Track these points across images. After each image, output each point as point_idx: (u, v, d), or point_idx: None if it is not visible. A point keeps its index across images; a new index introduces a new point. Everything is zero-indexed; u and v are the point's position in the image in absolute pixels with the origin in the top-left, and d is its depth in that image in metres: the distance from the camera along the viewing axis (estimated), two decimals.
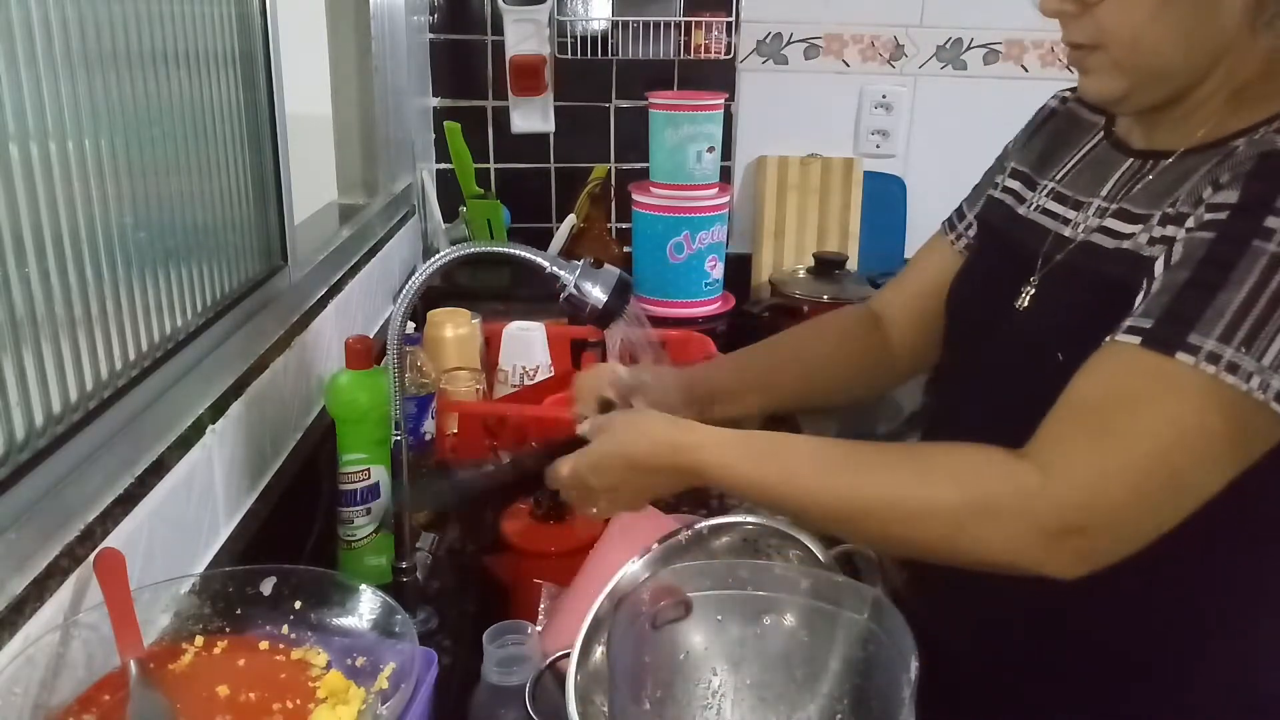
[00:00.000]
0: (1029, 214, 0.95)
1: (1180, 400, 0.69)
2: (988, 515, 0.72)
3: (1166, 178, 0.81)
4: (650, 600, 0.81)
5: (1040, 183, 0.96)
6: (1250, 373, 0.67)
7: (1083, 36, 0.80)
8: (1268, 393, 0.67)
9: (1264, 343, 0.67)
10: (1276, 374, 0.67)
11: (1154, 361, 0.69)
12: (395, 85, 1.75)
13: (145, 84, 0.85)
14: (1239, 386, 0.67)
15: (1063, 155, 0.95)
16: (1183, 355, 0.68)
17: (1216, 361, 0.67)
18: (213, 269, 1.01)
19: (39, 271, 0.70)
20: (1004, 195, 1.00)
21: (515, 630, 0.88)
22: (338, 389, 1.07)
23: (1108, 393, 0.71)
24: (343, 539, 1.10)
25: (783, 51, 2.11)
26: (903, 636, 0.74)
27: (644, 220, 1.96)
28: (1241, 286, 0.68)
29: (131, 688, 0.72)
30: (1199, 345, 0.68)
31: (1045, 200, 0.94)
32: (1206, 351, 0.68)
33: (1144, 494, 0.69)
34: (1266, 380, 0.67)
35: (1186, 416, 0.69)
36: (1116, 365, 0.72)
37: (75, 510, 0.74)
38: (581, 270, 0.96)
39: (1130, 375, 0.71)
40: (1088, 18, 0.78)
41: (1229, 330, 0.67)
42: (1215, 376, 0.67)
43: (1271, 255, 0.68)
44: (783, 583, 0.83)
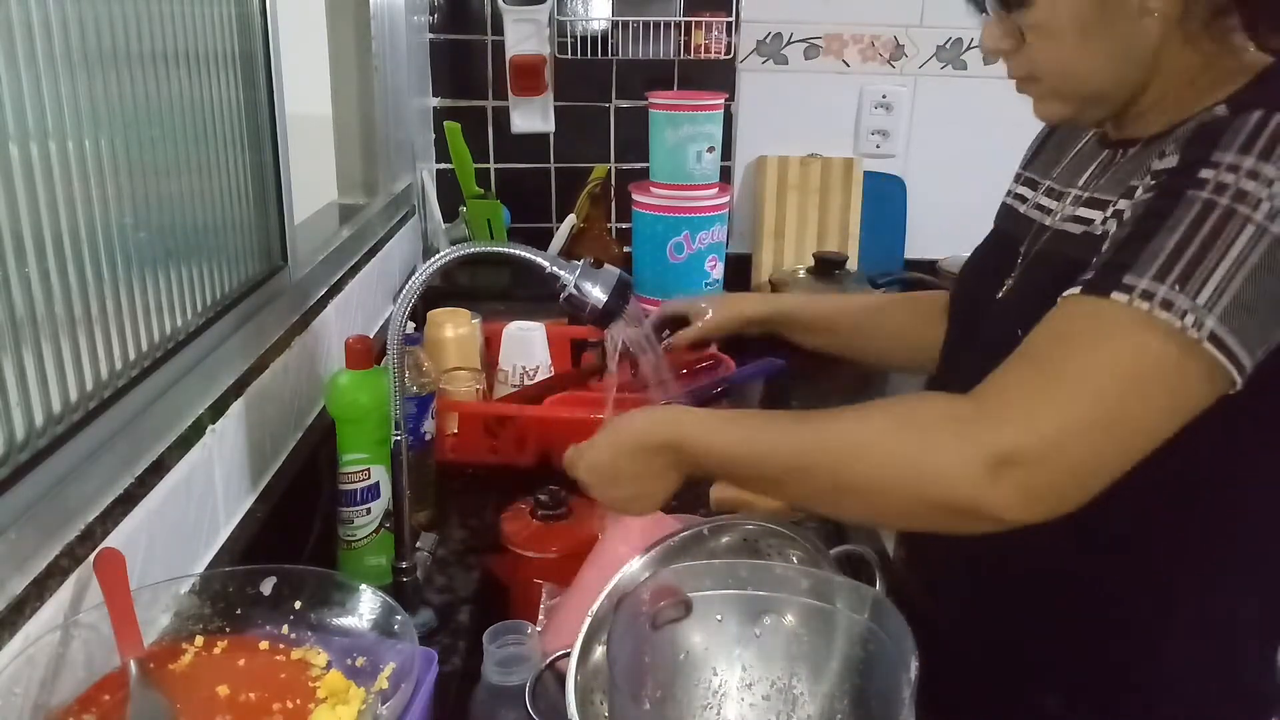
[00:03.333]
0: (1026, 211, 0.98)
1: (1114, 337, 0.70)
2: (922, 441, 0.72)
3: (1129, 164, 0.84)
4: (650, 600, 0.81)
5: (1041, 183, 0.99)
6: (1184, 310, 0.67)
7: (1021, 71, 0.85)
8: (1201, 331, 0.67)
9: (1197, 282, 0.68)
10: (1210, 313, 0.67)
11: (1091, 304, 0.71)
12: (395, 85, 1.75)
13: (145, 84, 0.85)
14: (1172, 323, 0.68)
15: (1062, 157, 0.98)
16: (1117, 294, 0.70)
17: (1150, 299, 0.68)
18: (213, 269, 1.01)
19: (39, 271, 0.70)
20: (1013, 201, 1.03)
21: (515, 630, 0.88)
22: (338, 389, 1.07)
23: (1047, 337, 0.73)
24: (343, 539, 1.10)
25: (783, 51, 2.11)
26: (903, 636, 0.74)
27: (644, 220, 1.95)
28: (1175, 230, 0.70)
29: (131, 688, 0.72)
30: (1133, 285, 0.69)
31: (1040, 197, 0.97)
32: (1140, 289, 0.69)
33: (1078, 427, 0.69)
34: (1200, 319, 0.67)
35: (1120, 353, 0.69)
36: (1059, 314, 0.74)
37: (75, 510, 0.74)
38: (581, 270, 0.96)
39: (1070, 320, 0.73)
40: (1023, 54, 0.83)
41: (1163, 270, 0.69)
42: (1149, 313, 0.68)
43: (1205, 201, 0.69)
44: (783, 583, 0.83)
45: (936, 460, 0.71)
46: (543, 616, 1.00)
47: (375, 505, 1.09)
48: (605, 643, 0.81)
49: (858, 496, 0.77)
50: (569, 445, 0.92)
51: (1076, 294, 0.73)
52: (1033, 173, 1.02)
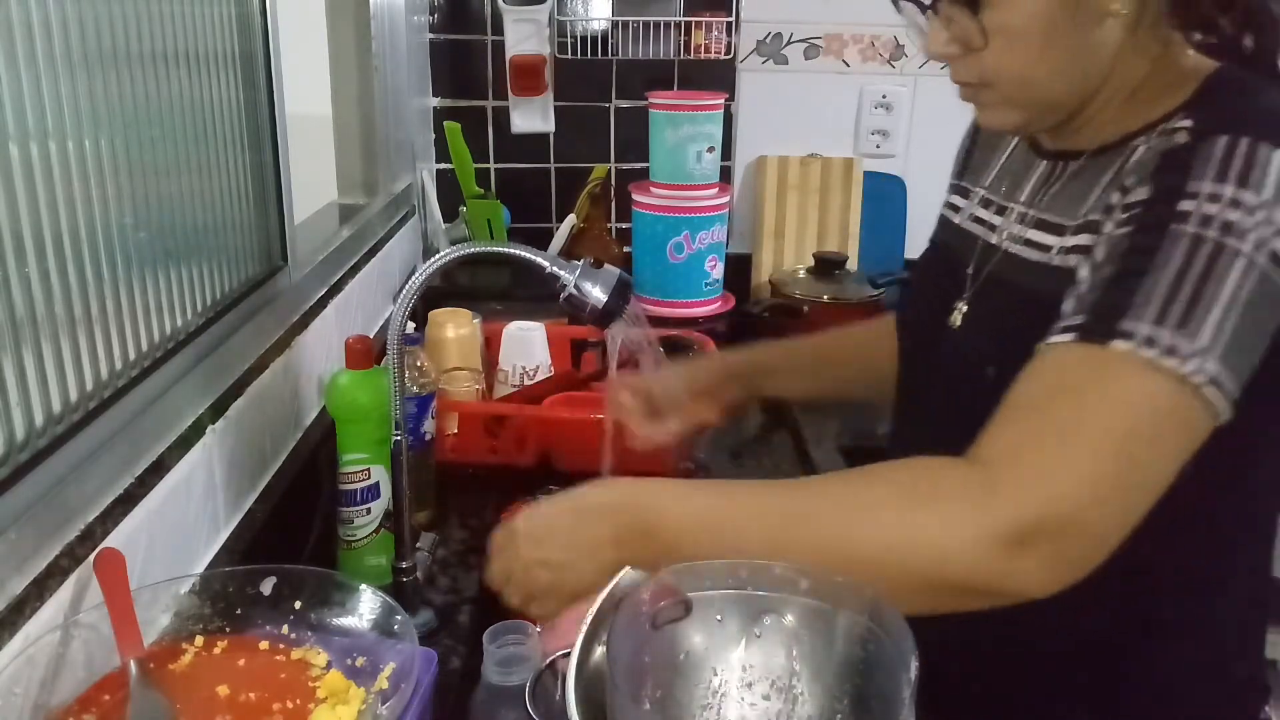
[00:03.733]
0: (963, 223, 0.96)
1: (1124, 387, 0.67)
2: (934, 517, 0.67)
3: (1076, 183, 0.82)
4: (650, 600, 0.81)
5: (973, 190, 0.97)
6: (1188, 355, 0.66)
7: (971, 76, 0.80)
8: (1204, 375, 0.66)
9: (1197, 324, 0.66)
10: (1211, 356, 0.66)
11: (1092, 353, 0.68)
12: (395, 85, 1.75)
13: (145, 84, 0.85)
14: (1178, 370, 0.66)
15: (992, 160, 0.97)
16: (1119, 343, 0.67)
17: (1153, 345, 0.66)
18: (213, 269, 1.01)
19: (39, 271, 0.70)
20: (948, 210, 1.01)
21: (515, 630, 0.88)
22: (338, 389, 1.07)
23: (1048, 390, 0.69)
24: (343, 539, 1.10)
25: (783, 51, 2.11)
26: (903, 636, 0.73)
27: (644, 220, 1.96)
28: (1167, 269, 0.67)
29: (131, 688, 0.72)
30: (1133, 331, 0.67)
31: (975, 208, 0.95)
32: (1143, 336, 0.66)
33: (1100, 491, 0.66)
34: (1203, 364, 0.66)
35: (1133, 403, 0.66)
36: (1054, 363, 0.70)
37: (75, 510, 0.74)
38: (581, 270, 0.96)
39: (1070, 370, 0.69)
40: (974, 58, 0.78)
41: (1161, 313, 0.66)
42: (1155, 361, 0.66)
43: (1191, 236, 0.67)
44: (783, 583, 0.82)
45: (952, 539, 0.66)
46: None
47: (375, 505, 1.09)
48: (605, 643, 0.81)
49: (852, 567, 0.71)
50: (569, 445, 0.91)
51: (1069, 341, 0.69)
52: (964, 179, 1.00)
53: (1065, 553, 0.66)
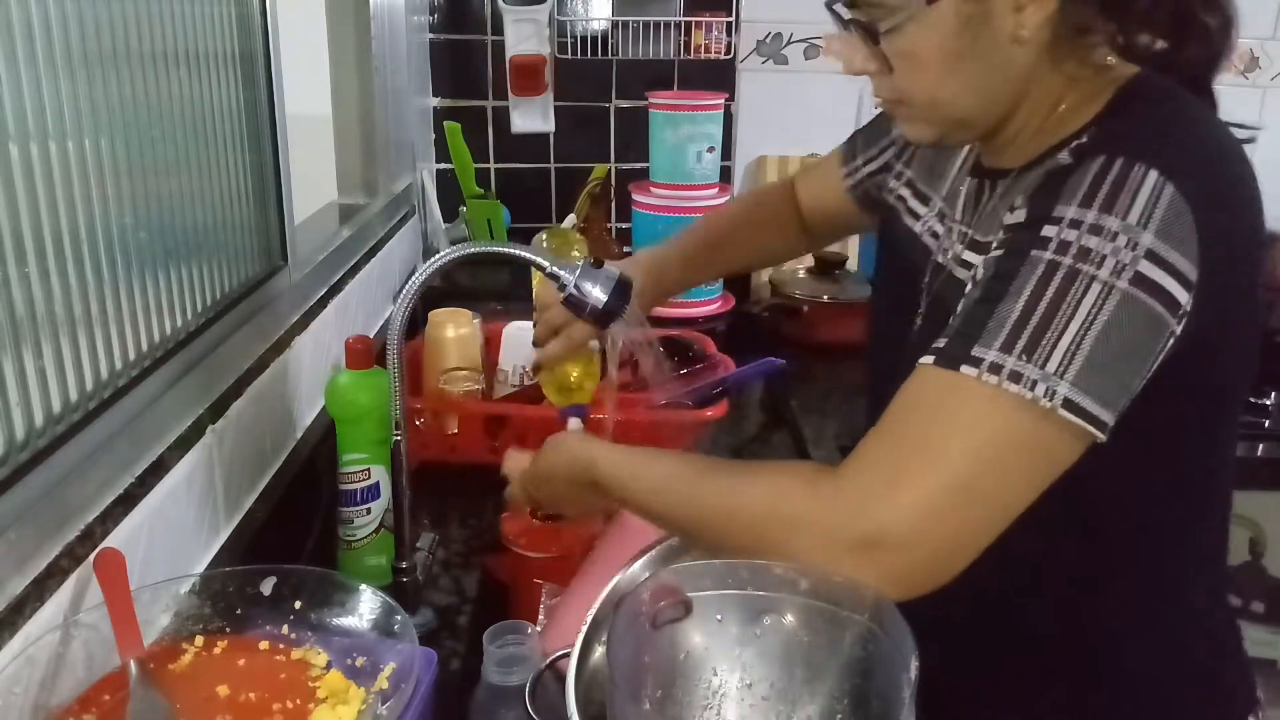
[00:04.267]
0: (922, 235, 0.95)
1: (969, 413, 0.68)
2: (787, 523, 0.72)
3: (996, 202, 0.83)
4: (650, 600, 0.81)
5: (931, 198, 0.97)
6: (1034, 380, 0.66)
7: (886, 94, 0.82)
8: (1054, 399, 0.66)
9: (1045, 350, 0.67)
10: (1061, 380, 0.66)
11: (944, 377, 0.69)
12: (395, 85, 1.76)
13: (145, 84, 0.85)
14: (1023, 395, 0.66)
15: (944, 167, 0.96)
16: (966, 369, 0.68)
17: (998, 372, 0.67)
18: (213, 269, 1.01)
19: (39, 271, 0.70)
20: (897, 204, 1.01)
21: (515, 630, 0.88)
22: (338, 389, 1.07)
23: (904, 410, 0.72)
24: (343, 539, 1.10)
25: (783, 51, 2.11)
26: (903, 637, 0.73)
27: (644, 220, 1.96)
28: (1020, 296, 0.68)
29: (131, 688, 0.72)
30: (981, 357, 0.68)
31: (933, 220, 0.95)
32: (989, 363, 0.67)
33: (937, 509, 0.68)
34: (1051, 387, 0.66)
35: (975, 429, 0.68)
36: (914, 384, 0.72)
37: (75, 510, 0.74)
38: (581, 270, 0.96)
39: (923, 392, 0.71)
40: (885, 78, 0.80)
41: (1009, 340, 0.67)
42: (998, 387, 0.67)
43: (1048, 262, 0.68)
44: (783, 583, 0.82)
45: (802, 544, 0.71)
46: (543, 616, 1.00)
47: (375, 505, 1.09)
48: (605, 643, 0.81)
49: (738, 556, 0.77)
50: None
51: (930, 363, 0.71)
52: (917, 177, 1.00)
53: (903, 563, 0.69)
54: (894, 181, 1.03)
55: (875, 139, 1.10)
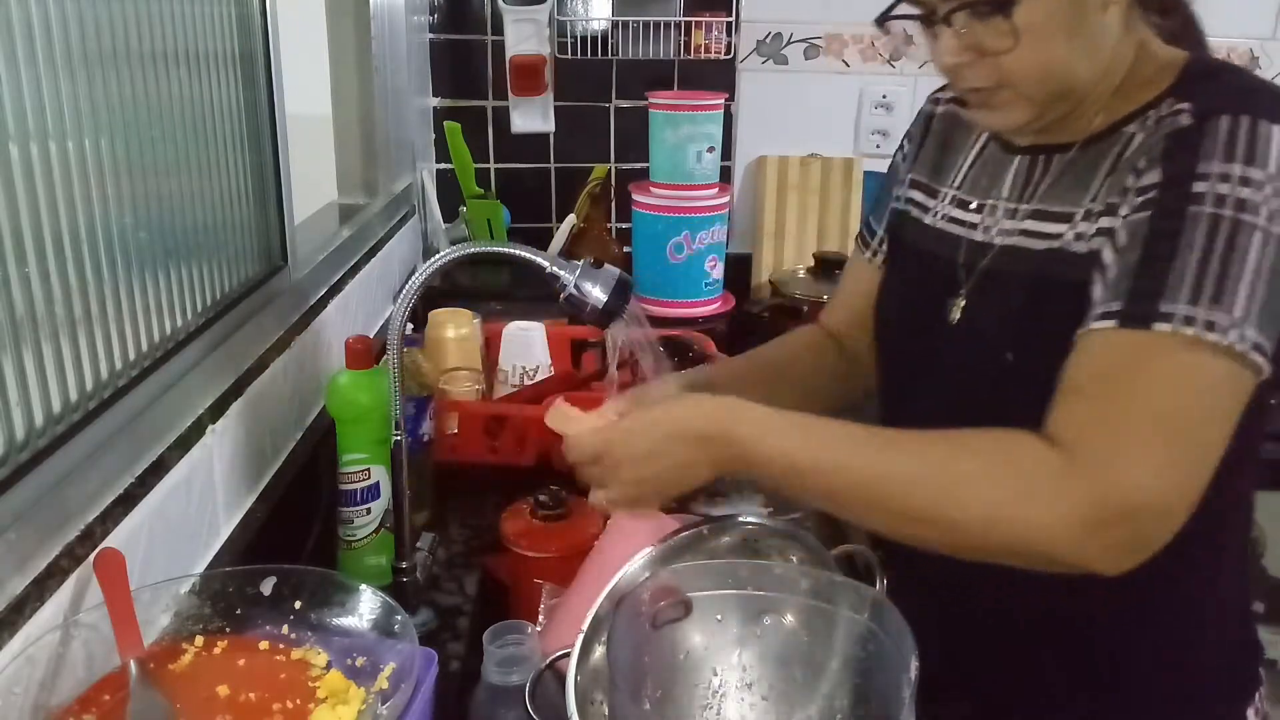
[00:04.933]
0: (936, 223, 0.96)
1: (1174, 366, 0.71)
2: (1023, 491, 0.71)
3: (1074, 172, 0.84)
4: (650, 600, 0.81)
5: (940, 190, 0.97)
6: (1227, 327, 0.70)
7: (986, 80, 0.81)
8: (1245, 343, 0.70)
9: (1230, 297, 0.70)
10: (1248, 324, 0.70)
11: (1136, 338, 0.72)
12: (395, 85, 1.76)
13: (145, 84, 0.85)
14: (1220, 342, 0.70)
15: (954, 159, 0.97)
16: (1160, 325, 0.71)
17: (1192, 323, 0.70)
18: (213, 269, 1.01)
19: (39, 271, 0.70)
20: (908, 206, 1.01)
21: (515, 630, 0.88)
22: (338, 389, 1.07)
23: (1101, 374, 0.73)
24: (343, 539, 1.10)
25: (783, 51, 2.11)
26: (903, 636, 0.74)
27: (644, 220, 1.96)
28: (1193, 250, 0.71)
29: (131, 688, 0.72)
30: (1172, 312, 0.70)
31: (948, 208, 0.95)
32: (1181, 315, 0.70)
33: (1169, 470, 0.69)
34: (1243, 332, 0.70)
35: (1186, 381, 0.71)
36: (1101, 349, 0.73)
37: (75, 510, 0.74)
38: (581, 270, 0.96)
39: (1118, 355, 0.72)
40: (987, 64, 0.80)
41: (1194, 292, 0.70)
42: (1197, 336, 0.70)
43: (1210, 216, 0.71)
44: (783, 583, 0.83)
45: (1039, 515, 0.70)
46: (542, 617, 1.00)
47: (375, 505, 1.09)
48: (605, 643, 0.81)
49: (936, 530, 0.74)
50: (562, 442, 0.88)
51: (1112, 327, 0.72)
52: (921, 175, 1.00)
53: (1140, 534, 0.70)
54: (899, 189, 1.03)
55: (885, 204, 1.07)
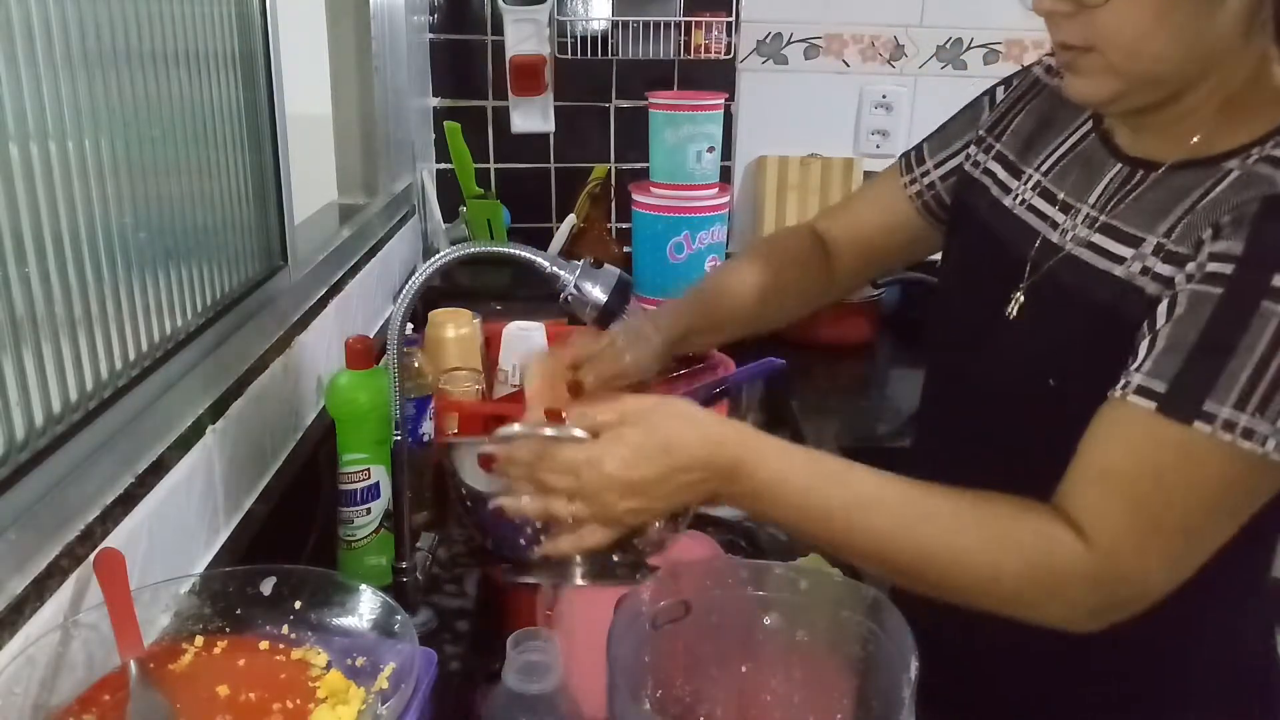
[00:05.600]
0: (1015, 208, 0.92)
1: (1203, 469, 0.70)
2: (1049, 593, 0.74)
3: (1156, 194, 0.79)
4: (650, 600, 0.81)
5: (1025, 171, 0.92)
6: (1266, 436, 0.69)
7: (1077, 38, 0.76)
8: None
9: (1278, 405, 0.68)
10: None
11: (1173, 432, 0.70)
12: (395, 85, 1.75)
13: (145, 84, 0.85)
14: (1255, 450, 0.69)
15: (1048, 140, 0.92)
16: (1200, 424, 0.69)
17: (1232, 429, 0.69)
18: (212, 269, 1.01)
19: (39, 271, 0.70)
20: (984, 178, 0.97)
21: (537, 638, 0.86)
22: (338, 389, 1.07)
23: (1134, 464, 0.72)
24: (343, 539, 1.09)
25: (783, 51, 2.11)
26: (903, 636, 0.74)
27: (644, 220, 1.95)
28: (1253, 351, 0.68)
29: (131, 688, 0.72)
30: (1214, 414, 0.69)
31: (1031, 195, 0.91)
32: (1222, 420, 0.69)
33: (1181, 557, 0.73)
34: None
35: (1209, 483, 0.71)
36: (1137, 433, 0.72)
37: (75, 510, 0.74)
38: (581, 270, 0.96)
39: (1152, 446, 0.72)
40: (1084, 18, 0.74)
41: (1243, 397, 0.68)
42: (1233, 443, 0.69)
43: None
44: (783, 583, 0.83)
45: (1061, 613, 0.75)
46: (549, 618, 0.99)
47: (375, 505, 1.09)
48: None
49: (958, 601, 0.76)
50: None
51: (1151, 412, 0.71)
52: (1008, 150, 0.95)
53: (1135, 610, 0.74)
54: (982, 155, 0.98)
55: (950, 140, 1.04)
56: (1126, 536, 0.72)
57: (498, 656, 0.87)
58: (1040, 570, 0.73)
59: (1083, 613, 0.74)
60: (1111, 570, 0.72)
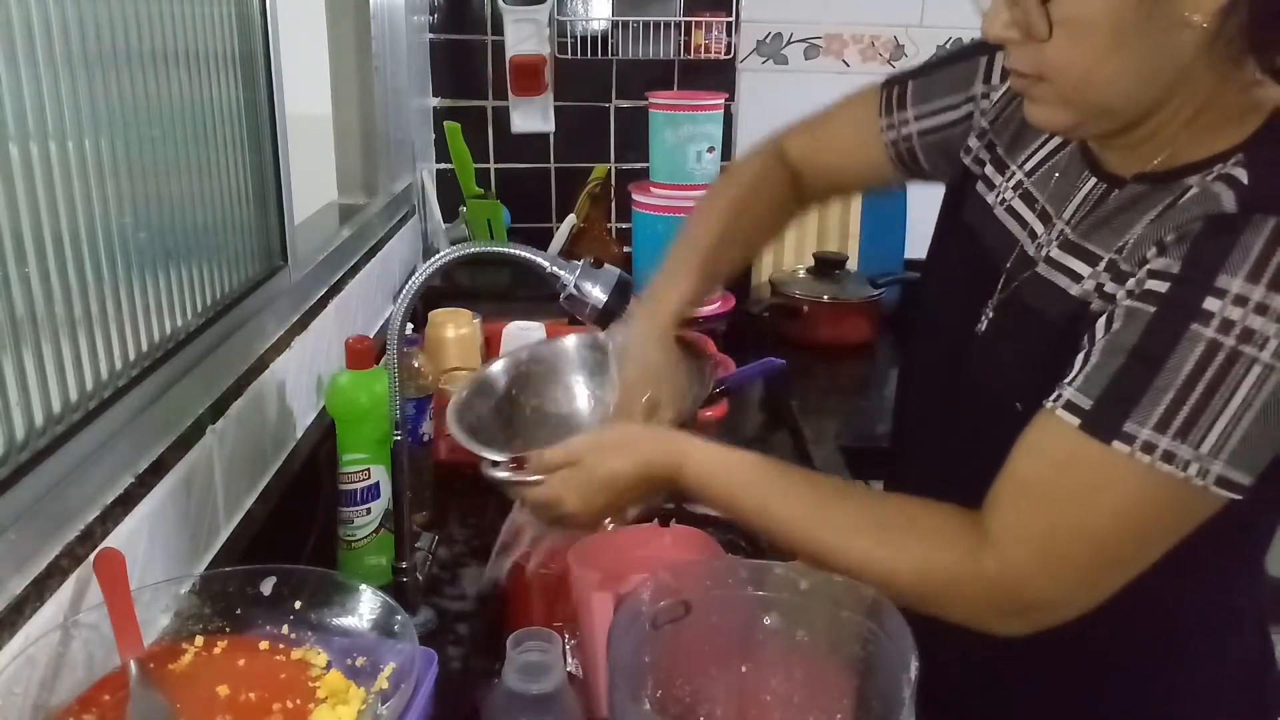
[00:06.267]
0: (996, 208, 0.90)
1: (1120, 492, 0.70)
2: (944, 593, 0.76)
3: (1120, 212, 0.78)
4: (650, 600, 0.81)
5: (1009, 167, 0.90)
6: (1187, 461, 0.67)
7: (1027, 66, 0.75)
8: (1207, 478, 0.67)
9: (1200, 431, 0.66)
10: (1215, 460, 0.67)
11: (1092, 449, 0.69)
12: (395, 85, 1.76)
13: (145, 84, 0.85)
14: (1175, 474, 0.67)
15: (1034, 135, 0.89)
16: (1119, 445, 0.68)
17: (1151, 451, 0.67)
18: (213, 269, 1.01)
19: (39, 271, 0.70)
20: (974, 166, 0.94)
21: (538, 638, 0.86)
22: (338, 389, 1.07)
23: (1051, 478, 0.72)
24: (343, 539, 1.10)
25: (783, 51, 2.11)
26: (903, 636, 0.74)
27: (644, 220, 1.95)
28: (1178, 373, 0.67)
29: (131, 688, 0.72)
30: (1134, 434, 0.68)
31: (1012, 195, 0.89)
32: (1142, 441, 0.67)
33: (1089, 575, 0.73)
34: (1205, 467, 0.67)
35: (1125, 506, 0.70)
36: (1058, 447, 0.72)
37: (75, 510, 0.74)
38: (581, 270, 0.96)
39: (1071, 463, 0.71)
40: (1033, 48, 0.73)
41: (1164, 419, 0.67)
42: (1151, 465, 0.67)
43: (1209, 342, 0.66)
44: (783, 583, 0.83)
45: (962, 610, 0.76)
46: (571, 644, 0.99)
47: (375, 505, 1.09)
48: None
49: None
50: None
51: (1074, 428, 0.70)
52: (999, 139, 0.92)
53: (1046, 619, 0.74)
54: (975, 141, 0.95)
55: (939, 92, 0.99)
56: (1025, 544, 0.72)
57: (498, 656, 0.87)
58: (931, 571, 0.75)
59: (986, 614, 0.75)
60: (1006, 574, 0.73)
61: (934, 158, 1.00)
